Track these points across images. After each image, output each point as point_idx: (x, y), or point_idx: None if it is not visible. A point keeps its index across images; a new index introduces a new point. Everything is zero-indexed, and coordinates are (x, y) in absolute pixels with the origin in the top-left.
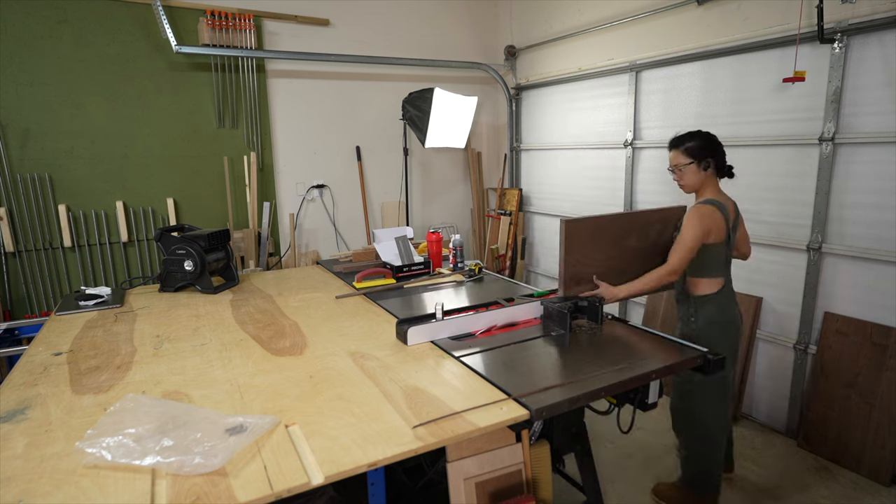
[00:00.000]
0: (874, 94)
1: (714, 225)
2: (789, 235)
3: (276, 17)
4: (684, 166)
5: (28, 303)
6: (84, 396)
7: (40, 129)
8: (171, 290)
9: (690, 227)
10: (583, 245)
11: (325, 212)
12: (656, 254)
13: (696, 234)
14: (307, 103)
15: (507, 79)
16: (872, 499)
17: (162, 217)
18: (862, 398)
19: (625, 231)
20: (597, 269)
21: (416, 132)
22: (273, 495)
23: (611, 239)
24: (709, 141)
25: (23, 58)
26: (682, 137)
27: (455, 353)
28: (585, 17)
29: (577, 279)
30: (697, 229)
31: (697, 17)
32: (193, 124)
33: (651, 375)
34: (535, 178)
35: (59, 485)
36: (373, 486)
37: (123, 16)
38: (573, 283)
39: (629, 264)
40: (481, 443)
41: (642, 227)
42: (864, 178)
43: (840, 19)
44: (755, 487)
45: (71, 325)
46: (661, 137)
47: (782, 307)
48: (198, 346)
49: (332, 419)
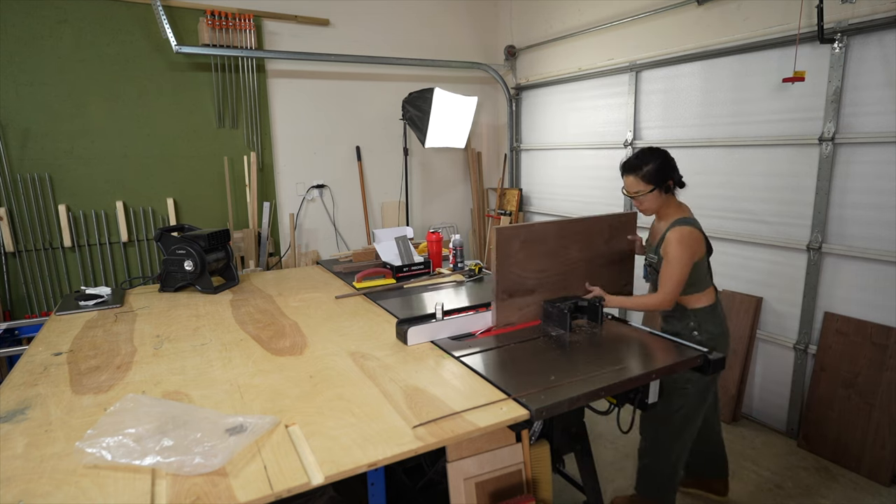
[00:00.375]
0: (874, 94)
1: (696, 245)
2: (789, 235)
3: (276, 17)
4: (645, 194)
5: (28, 303)
6: (84, 396)
7: (40, 129)
8: (171, 290)
9: (677, 257)
10: (518, 255)
11: (325, 212)
12: (604, 265)
13: (684, 263)
14: (307, 103)
15: (507, 79)
16: (872, 499)
17: (162, 217)
18: (862, 398)
19: (566, 240)
20: (535, 282)
21: (416, 132)
22: (273, 495)
23: (551, 249)
24: (664, 160)
25: (23, 58)
26: (636, 161)
27: (455, 353)
28: (585, 17)
29: (510, 292)
30: (685, 257)
31: (697, 17)
32: (193, 124)
33: (651, 375)
34: (535, 178)
35: (59, 485)
36: (373, 486)
37: (123, 16)
38: (507, 296)
39: (574, 276)
40: (481, 443)
41: (586, 235)
42: (864, 178)
43: (840, 19)
44: (755, 487)
45: (71, 325)
46: (661, 137)
47: (782, 307)
48: (198, 346)
49: (332, 419)
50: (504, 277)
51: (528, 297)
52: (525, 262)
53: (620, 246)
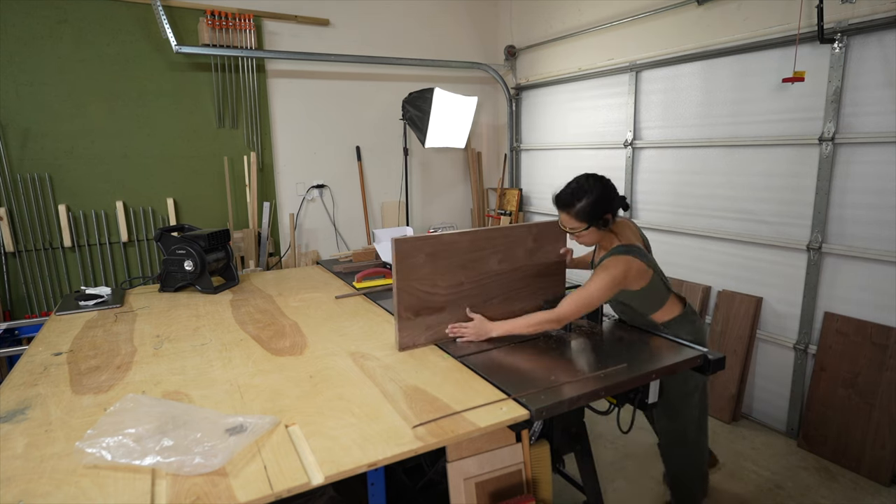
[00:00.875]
0: (874, 94)
1: (629, 275)
2: (789, 235)
3: (276, 17)
4: (580, 231)
5: (28, 303)
6: (84, 396)
7: (40, 129)
8: (171, 290)
9: (596, 283)
10: (423, 269)
11: (325, 212)
12: (530, 277)
13: (600, 292)
14: (307, 103)
15: (507, 79)
16: (872, 499)
17: (162, 217)
18: (862, 398)
19: (483, 251)
20: (446, 299)
21: (416, 132)
22: (273, 495)
23: (464, 261)
24: (601, 193)
25: (23, 58)
26: (569, 198)
27: (455, 354)
28: (585, 17)
29: (416, 311)
30: (602, 288)
31: (697, 17)
32: (193, 124)
33: (651, 375)
34: (535, 178)
35: (59, 485)
36: (373, 486)
37: (123, 16)
38: (411, 315)
39: (494, 290)
40: (481, 443)
41: (505, 246)
42: (864, 178)
43: (840, 19)
44: (755, 487)
45: (71, 325)
46: (661, 137)
47: (782, 307)
48: (198, 346)
49: (332, 419)
50: (407, 295)
51: (438, 314)
52: (432, 276)
53: (549, 258)
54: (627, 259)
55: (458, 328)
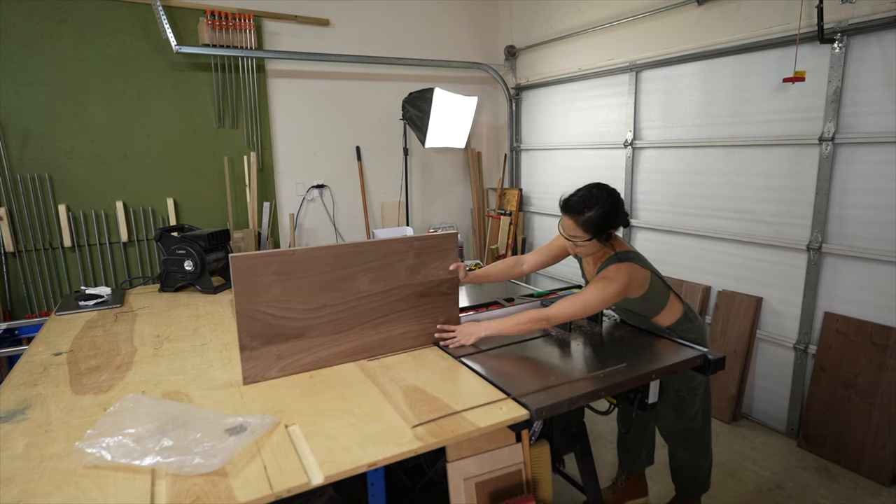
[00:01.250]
0: (874, 94)
1: (632, 285)
2: (789, 235)
3: (276, 17)
4: (582, 241)
5: (28, 303)
6: (84, 396)
7: (40, 129)
8: (171, 290)
9: (597, 291)
10: (272, 290)
11: (325, 212)
12: (414, 297)
13: (599, 301)
14: (307, 103)
15: (507, 79)
16: (872, 499)
17: (162, 217)
18: (862, 398)
19: (352, 269)
20: (305, 323)
21: (416, 132)
22: (273, 495)
23: (323, 281)
24: (612, 206)
25: (23, 58)
26: (579, 205)
27: (455, 354)
28: (585, 17)
29: (265, 339)
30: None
31: (697, 17)
32: (193, 124)
33: (651, 375)
34: (535, 178)
35: (59, 485)
36: (373, 486)
37: (123, 16)
38: (258, 344)
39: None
40: (481, 443)
41: (379, 263)
42: (864, 178)
43: (840, 19)
44: (755, 487)
45: (71, 325)
46: (661, 137)
47: (782, 307)
48: (198, 346)
49: (332, 419)
50: (250, 320)
51: (296, 342)
52: (285, 298)
53: (436, 275)
54: (630, 268)
55: (444, 335)
